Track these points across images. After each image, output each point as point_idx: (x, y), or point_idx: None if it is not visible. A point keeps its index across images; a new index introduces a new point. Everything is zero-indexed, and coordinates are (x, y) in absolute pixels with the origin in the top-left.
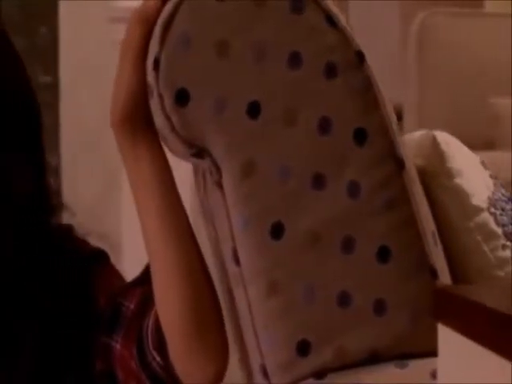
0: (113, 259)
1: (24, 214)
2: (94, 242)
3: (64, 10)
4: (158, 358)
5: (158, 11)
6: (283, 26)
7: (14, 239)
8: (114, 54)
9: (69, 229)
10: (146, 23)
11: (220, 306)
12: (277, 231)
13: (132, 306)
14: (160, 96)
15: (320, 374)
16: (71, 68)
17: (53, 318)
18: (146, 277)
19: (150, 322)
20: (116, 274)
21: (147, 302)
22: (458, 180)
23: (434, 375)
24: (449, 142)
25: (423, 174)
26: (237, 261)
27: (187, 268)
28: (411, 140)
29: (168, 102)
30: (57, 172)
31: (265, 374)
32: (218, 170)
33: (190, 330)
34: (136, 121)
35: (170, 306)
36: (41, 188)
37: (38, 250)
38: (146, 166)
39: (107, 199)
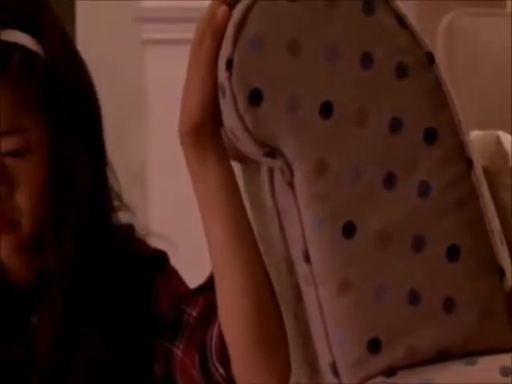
0: None
1: (86, 210)
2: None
3: (81, 10)
4: (222, 370)
5: (228, 18)
6: (355, 27)
7: (77, 237)
8: (131, 54)
9: (130, 229)
10: (216, 32)
11: (283, 321)
12: (349, 231)
13: (195, 314)
14: (233, 96)
15: (390, 371)
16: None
17: (114, 320)
18: (209, 285)
19: (215, 333)
20: (176, 277)
21: (210, 311)
22: None
23: (503, 371)
24: None
25: (486, 173)
26: (307, 260)
27: (253, 282)
28: (472, 139)
29: (241, 102)
30: None
31: (335, 372)
32: (291, 169)
33: (254, 346)
34: (205, 132)
35: (234, 321)
36: (102, 185)
37: (100, 249)
38: (213, 180)
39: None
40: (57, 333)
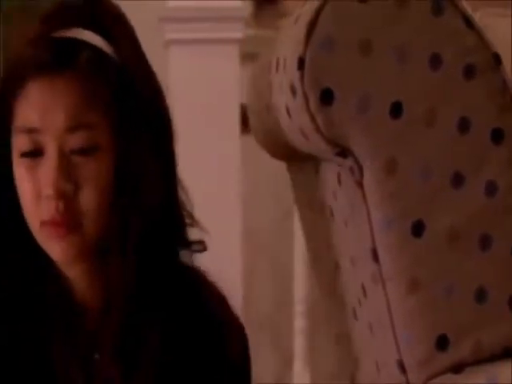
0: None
1: (152, 222)
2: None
3: None
4: None
5: None
6: (424, 28)
7: (141, 250)
8: (155, 54)
9: (201, 272)
10: None
11: None
12: (418, 229)
13: None
14: (305, 96)
15: (457, 368)
16: None
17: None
18: None
19: None
20: None
21: None
22: None
23: None
24: None
25: None
26: (376, 259)
27: None
28: None
29: (313, 101)
30: None
31: (402, 369)
32: (361, 169)
33: None
34: None
35: None
36: (171, 200)
37: (163, 279)
38: None
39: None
40: (115, 367)
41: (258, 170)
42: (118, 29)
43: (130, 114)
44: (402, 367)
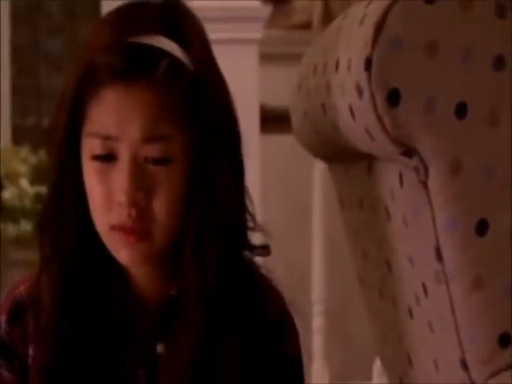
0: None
1: (226, 228)
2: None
3: (107, 9)
4: None
5: None
6: (488, 29)
7: (218, 256)
8: None
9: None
10: None
11: None
12: (482, 228)
13: None
14: (372, 96)
15: None
16: None
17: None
18: None
19: None
20: None
21: None
22: None
23: None
24: None
25: None
26: (439, 258)
27: None
28: None
29: (380, 102)
30: None
31: (465, 367)
32: (426, 169)
33: None
34: None
35: None
36: (241, 205)
37: (236, 273)
38: None
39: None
40: (187, 364)
41: (269, 170)
42: (193, 35)
43: (204, 126)
44: (464, 365)
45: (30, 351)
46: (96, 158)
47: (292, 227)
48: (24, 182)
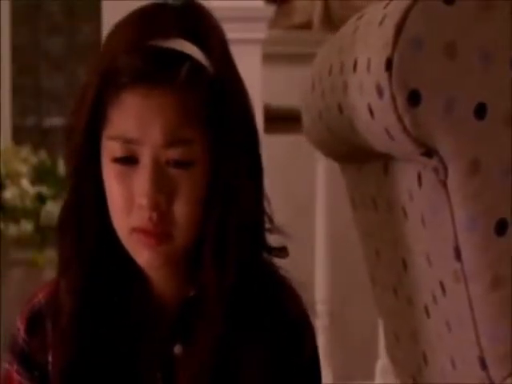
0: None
1: (246, 230)
2: None
3: (107, 9)
4: None
5: None
6: (506, 30)
7: (238, 259)
8: None
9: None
10: None
11: None
12: (501, 228)
13: None
14: (393, 97)
15: None
16: None
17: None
18: None
19: None
20: None
21: None
22: None
23: None
24: None
25: None
26: (458, 258)
27: None
28: None
29: (401, 102)
30: None
31: (483, 365)
32: (445, 168)
33: None
34: None
35: None
36: (259, 208)
37: (255, 275)
38: None
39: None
40: (205, 365)
41: (271, 170)
42: (213, 37)
43: (224, 128)
44: (483, 364)
45: (50, 358)
46: (117, 160)
47: (294, 227)
48: (25, 182)
